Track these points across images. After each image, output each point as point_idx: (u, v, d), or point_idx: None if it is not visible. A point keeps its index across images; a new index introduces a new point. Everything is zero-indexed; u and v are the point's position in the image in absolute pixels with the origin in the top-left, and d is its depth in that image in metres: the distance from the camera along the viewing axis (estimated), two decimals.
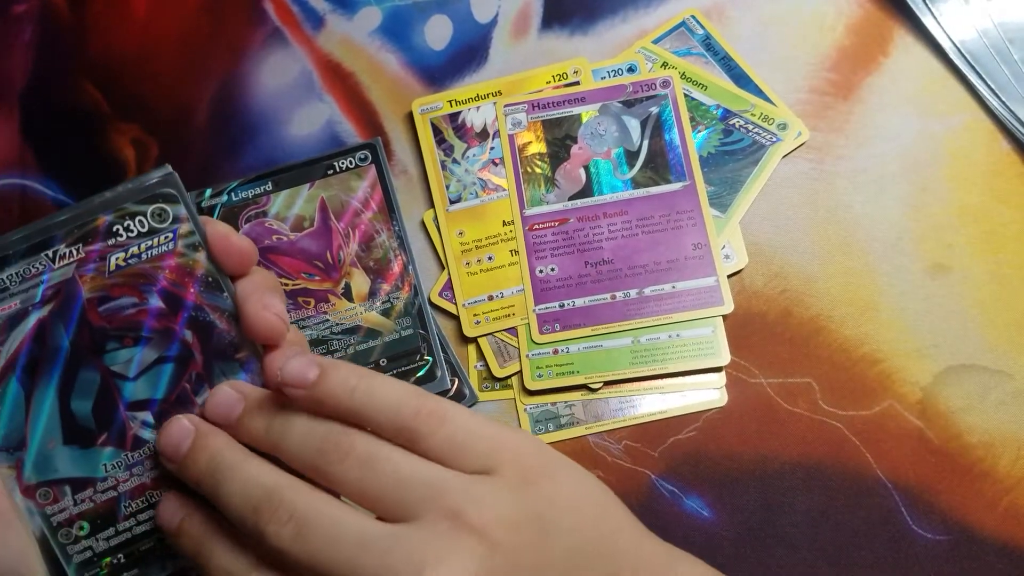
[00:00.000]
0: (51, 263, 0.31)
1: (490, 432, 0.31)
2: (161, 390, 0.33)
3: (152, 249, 0.32)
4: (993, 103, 0.45)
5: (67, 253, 0.32)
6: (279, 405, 0.32)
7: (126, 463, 0.33)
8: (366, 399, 0.31)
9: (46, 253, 0.31)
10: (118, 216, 0.32)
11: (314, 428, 0.31)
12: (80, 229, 0.32)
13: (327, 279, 0.45)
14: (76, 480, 0.33)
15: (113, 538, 0.33)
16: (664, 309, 0.43)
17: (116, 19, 0.51)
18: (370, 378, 0.32)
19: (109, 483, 0.33)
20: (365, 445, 0.30)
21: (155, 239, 0.32)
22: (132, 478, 0.33)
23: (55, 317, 0.32)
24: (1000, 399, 0.41)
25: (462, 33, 0.49)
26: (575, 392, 0.43)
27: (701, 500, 0.41)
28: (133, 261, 0.32)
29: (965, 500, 0.40)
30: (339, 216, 0.46)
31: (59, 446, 0.32)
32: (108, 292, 0.32)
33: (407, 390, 0.32)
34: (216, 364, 0.33)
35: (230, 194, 0.46)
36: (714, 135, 0.46)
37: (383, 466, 0.30)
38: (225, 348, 0.33)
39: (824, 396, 0.42)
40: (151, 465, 0.33)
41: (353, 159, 0.46)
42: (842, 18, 0.47)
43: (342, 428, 0.31)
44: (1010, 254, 0.43)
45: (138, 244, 0.32)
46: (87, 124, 0.49)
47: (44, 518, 0.32)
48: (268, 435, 0.32)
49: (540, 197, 0.45)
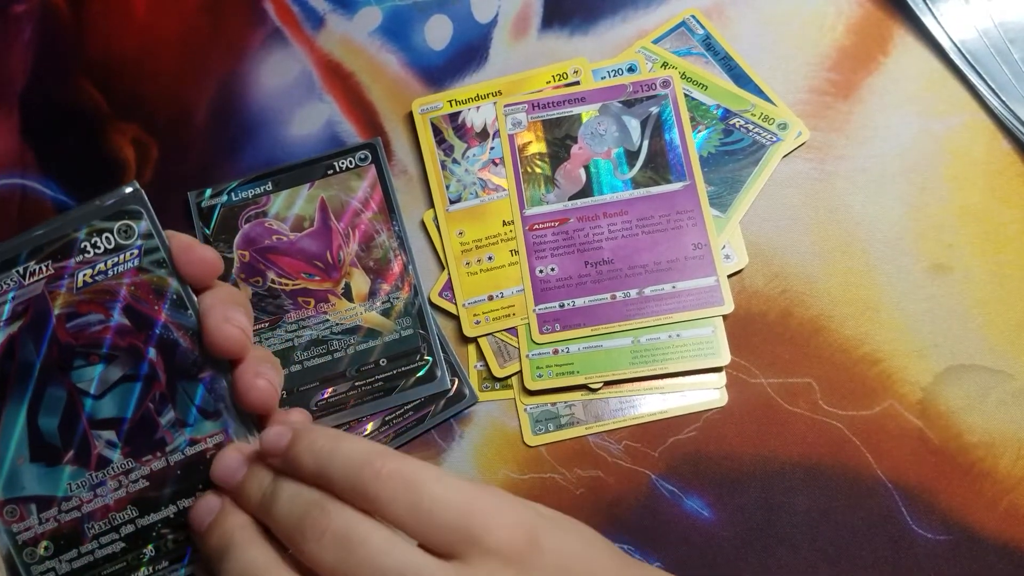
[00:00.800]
0: (21, 279, 0.31)
1: (461, 499, 0.29)
2: (125, 409, 0.32)
3: (118, 266, 0.32)
4: (993, 103, 0.45)
5: (37, 270, 0.32)
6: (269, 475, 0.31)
7: (90, 483, 0.32)
8: (327, 460, 0.30)
9: (16, 270, 0.31)
10: (87, 233, 0.32)
11: (296, 499, 0.30)
12: (50, 246, 0.32)
13: (327, 279, 0.45)
14: (41, 498, 0.32)
15: (76, 560, 0.32)
16: (664, 309, 0.43)
17: (116, 19, 0.51)
18: (337, 439, 0.30)
19: (73, 503, 0.32)
20: (342, 522, 0.29)
21: (121, 255, 0.32)
22: (96, 499, 0.32)
23: (25, 333, 0.32)
24: (1000, 399, 0.41)
25: (462, 33, 0.49)
26: (575, 392, 0.43)
27: (701, 500, 0.41)
28: (100, 278, 0.32)
29: (965, 500, 0.40)
30: (339, 216, 0.46)
31: (27, 463, 0.32)
32: (76, 308, 0.32)
33: (372, 449, 0.30)
34: (179, 383, 0.32)
35: (230, 194, 0.46)
36: (714, 135, 0.46)
37: (358, 551, 0.28)
38: (189, 367, 0.33)
39: (824, 396, 0.42)
40: (115, 486, 0.32)
41: (353, 159, 0.46)
42: (842, 18, 0.47)
43: (321, 501, 0.30)
44: (1010, 254, 0.43)
45: (104, 260, 0.32)
46: (87, 124, 0.49)
47: (10, 536, 0.32)
48: (261, 504, 0.31)
49: (540, 197, 0.45)
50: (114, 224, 0.32)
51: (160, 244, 0.32)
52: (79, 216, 0.32)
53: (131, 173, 0.48)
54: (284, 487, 0.30)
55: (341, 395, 0.44)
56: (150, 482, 0.33)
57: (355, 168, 0.46)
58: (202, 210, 0.46)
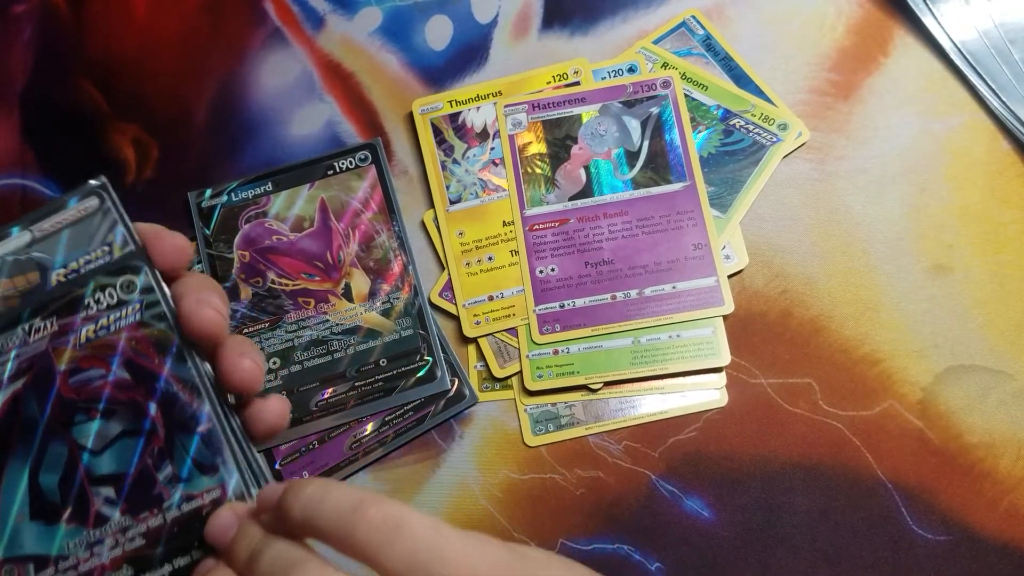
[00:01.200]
0: (26, 336, 0.32)
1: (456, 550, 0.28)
2: (125, 465, 0.32)
3: (120, 320, 0.32)
4: (993, 103, 0.45)
5: (41, 327, 0.32)
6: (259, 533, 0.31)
7: (87, 541, 0.32)
8: (315, 508, 0.29)
9: (21, 327, 0.32)
10: (92, 288, 0.32)
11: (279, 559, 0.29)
12: (55, 303, 0.32)
13: (327, 279, 0.45)
14: (39, 558, 0.32)
15: None
16: (664, 309, 0.43)
17: (116, 19, 0.51)
18: (326, 487, 0.29)
19: (70, 562, 0.32)
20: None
21: (123, 310, 0.32)
22: (92, 558, 0.32)
23: (29, 390, 0.32)
24: (1000, 399, 0.41)
25: (462, 33, 0.49)
26: (575, 392, 0.43)
27: (701, 500, 0.41)
28: (102, 332, 0.32)
29: (965, 500, 0.40)
30: (339, 216, 0.46)
31: (26, 521, 0.32)
32: (79, 363, 0.32)
33: (361, 496, 0.29)
34: (177, 437, 0.32)
35: (230, 194, 0.46)
36: (714, 135, 0.46)
37: None
38: (187, 421, 0.32)
39: (824, 396, 0.42)
40: (111, 544, 0.32)
41: (353, 159, 0.46)
42: (842, 18, 0.47)
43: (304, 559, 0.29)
44: (1011, 254, 0.43)
45: (107, 315, 0.32)
46: (87, 124, 0.49)
47: None
48: (247, 564, 0.30)
49: (540, 197, 0.45)
50: (117, 279, 0.32)
51: (160, 297, 0.32)
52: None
53: (131, 173, 0.48)
54: (270, 546, 0.30)
55: (341, 395, 0.44)
56: (146, 540, 0.32)
57: (355, 168, 0.46)
58: (202, 210, 0.46)
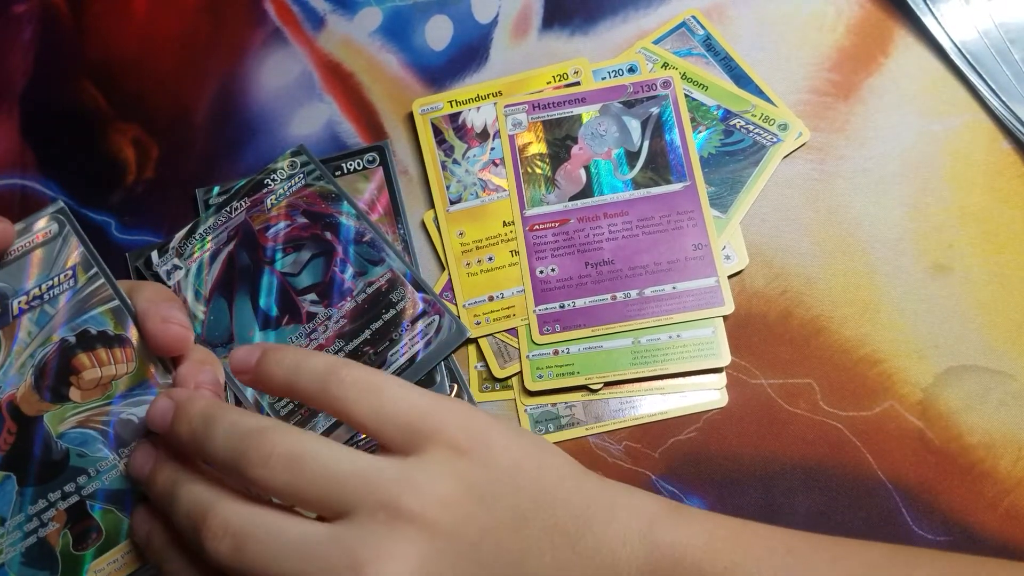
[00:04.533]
0: (229, 214, 0.44)
1: (419, 403, 0.31)
2: (319, 276, 0.43)
3: (291, 187, 0.44)
4: (994, 103, 0.45)
5: (239, 206, 0.45)
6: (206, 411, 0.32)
7: (305, 332, 0.42)
8: (293, 369, 0.32)
9: (224, 209, 0.45)
10: (265, 172, 0.45)
11: (234, 429, 0.31)
12: (244, 188, 0.45)
13: None
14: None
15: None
16: (664, 310, 0.43)
17: (116, 19, 0.51)
18: (304, 354, 0.33)
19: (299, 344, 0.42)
20: (287, 444, 0.30)
21: (293, 179, 0.45)
22: (311, 343, 0.42)
23: (239, 247, 0.44)
24: (1001, 399, 0.41)
25: (462, 33, 0.49)
26: (575, 393, 0.43)
27: (701, 501, 0.41)
28: (280, 198, 0.44)
29: (965, 501, 0.40)
30: None
31: (256, 332, 0.43)
32: (268, 222, 0.44)
33: (336, 360, 0.32)
34: (350, 248, 0.43)
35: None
36: (715, 135, 0.46)
37: (309, 465, 0.29)
38: (355, 237, 0.44)
39: (824, 397, 0.42)
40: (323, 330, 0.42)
41: (361, 161, 0.46)
42: (842, 18, 0.47)
43: (260, 427, 0.30)
44: (1011, 254, 0.43)
45: (283, 186, 0.45)
46: (87, 124, 0.49)
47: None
48: (194, 441, 0.32)
49: (540, 197, 0.45)
50: (285, 161, 0.45)
51: (316, 167, 0.45)
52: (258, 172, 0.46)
53: (131, 173, 0.48)
54: (219, 422, 0.31)
55: None
56: (347, 319, 0.42)
57: (363, 170, 0.46)
58: (209, 207, 0.46)
